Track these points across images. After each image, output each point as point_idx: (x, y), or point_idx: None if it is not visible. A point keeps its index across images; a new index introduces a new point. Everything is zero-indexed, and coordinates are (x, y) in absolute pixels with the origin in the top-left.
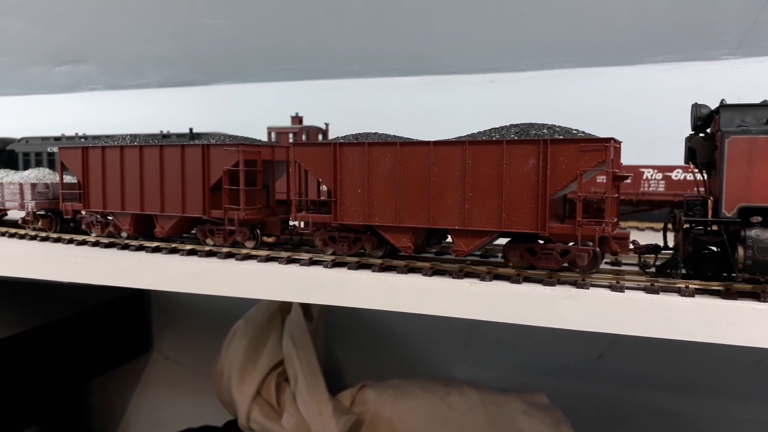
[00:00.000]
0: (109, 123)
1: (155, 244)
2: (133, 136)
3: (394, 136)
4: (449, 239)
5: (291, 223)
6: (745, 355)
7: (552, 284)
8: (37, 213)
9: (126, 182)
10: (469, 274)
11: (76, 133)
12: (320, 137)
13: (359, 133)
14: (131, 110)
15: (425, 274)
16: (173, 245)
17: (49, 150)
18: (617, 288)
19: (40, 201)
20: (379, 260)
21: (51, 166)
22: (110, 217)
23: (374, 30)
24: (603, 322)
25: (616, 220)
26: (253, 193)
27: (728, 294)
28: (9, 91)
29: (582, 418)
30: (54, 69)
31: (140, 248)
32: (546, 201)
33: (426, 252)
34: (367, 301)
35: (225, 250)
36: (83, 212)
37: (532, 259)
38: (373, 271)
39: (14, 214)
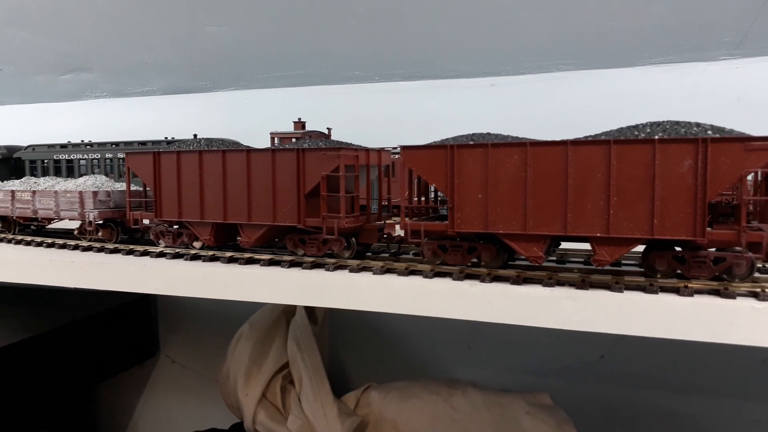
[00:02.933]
0: (114, 130)
1: (159, 249)
2: (208, 140)
3: (509, 136)
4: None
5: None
6: (749, 354)
7: (551, 285)
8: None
9: (206, 189)
10: (469, 276)
11: (82, 141)
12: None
13: (473, 134)
14: (136, 117)
15: (426, 276)
16: (177, 250)
17: (55, 157)
18: (617, 288)
19: (102, 210)
20: (381, 262)
21: (57, 173)
22: (175, 227)
23: (375, 35)
24: (603, 323)
25: None
26: (351, 199)
27: (727, 293)
28: (16, 99)
29: (585, 418)
30: (59, 77)
31: (145, 254)
32: (704, 205)
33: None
34: (369, 303)
35: (228, 254)
36: (146, 221)
37: (681, 268)
38: (374, 273)
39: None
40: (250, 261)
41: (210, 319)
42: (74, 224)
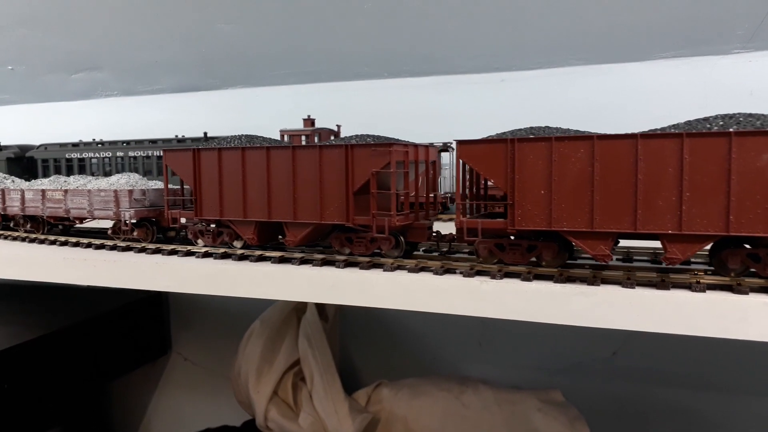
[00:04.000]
0: (125, 128)
1: (171, 247)
2: (249, 137)
3: (568, 129)
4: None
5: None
6: (763, 350)
7: (562, 281)
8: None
9: (249, 187)
10: (479, 272)
11: (93, 139)
12: (332, 139)
13: (531, 127)
14: (146, 115)
15: (436, 273)
16: (188, 248)
17: (67, 156)
18: (628, 284)
19: (138, 209)
20: (391, 260)
21: (69, 172)
22: (212, 225)
23: (384, 32)
24: (614, 319)
25: None
26: (402, 197)
27: (740, 289)
28: (27, 98)
29: (597, 415)
30: (70, 76)
31: (157, 251)
32: None
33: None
34: (380, 300)
35: (239, 252)
36: (183, 220)
37: (756, 266)
38: (384, 270)
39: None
40: (261, 258)
41: (221, 317)
42: (102, 224)
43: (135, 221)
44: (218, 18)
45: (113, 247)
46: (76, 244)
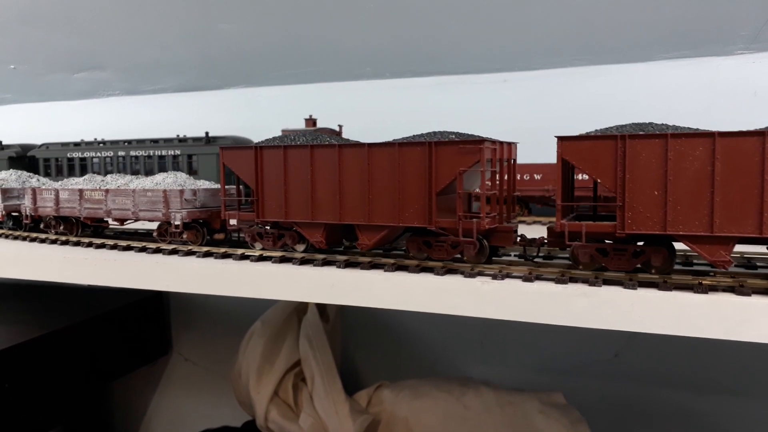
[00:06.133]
0: (127, 128)
1: (172, 246)
2: (313, 134)
3: (674, 126)
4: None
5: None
6: (765, 352)
7: (564, 282)
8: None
9: (318, 187)
10: (481, 273)
11: (95, 139)
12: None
13: (634, 123)
14: (148, 115)
15: (437, 274)
16: (189, 247)
17: (69, 156)
18: (630, 285)
19: (191, 210)
20: (392, 260)
21: (71, 171)
22: (267, 227)
23: (386, 32)
24: (616, 320)
25: None
26: (493, 198)
27: (742, 291)
28: (30, 98)
29: (599, 417)
30: (72, 76)
31: (157, 251)
32: None
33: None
34: (380, 300)
35: (240, 251)
36: (234, 222)
37: None
38: (385, 270)
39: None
40: (262, 258)
41: (222, 317)
42: (136, 225)
43: (186, 222)
44: (220, 18)
45: (114, 247)
46: (77, 244)
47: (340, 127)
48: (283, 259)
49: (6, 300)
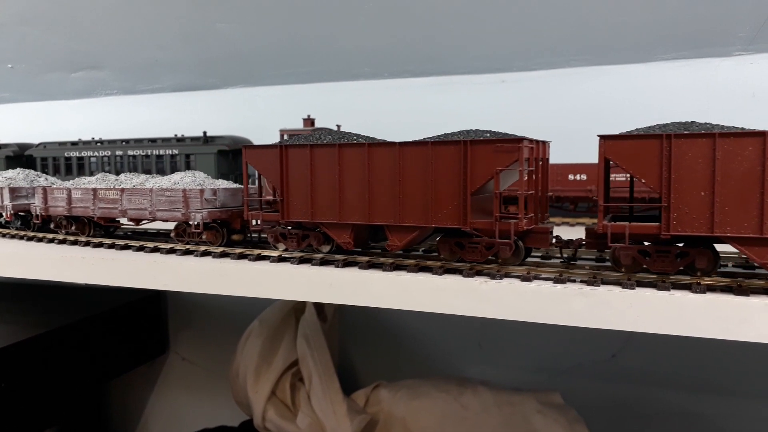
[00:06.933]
0: (125, 127)
1: (170, 245)
2: (340, 133)
3: (718, 125)
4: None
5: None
6: (764, 352)
7: (562, 282)
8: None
9: (346, 187)
10: (479, 273)
11: (93, 138)
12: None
13: (676, 123)
14: (146, 114)
15: (436, 273)
16: (187, 246)
17: (66, 155)
18: (628, 285)
19: (211, 210)
20: (390, 259)
21: (68, 171)
22: (289, 227)
23: (385, 32)
24: (614, 320)
25: None
26: (530, 199)
27: (741, 290)
28: (27, 97)
29: (596, 417)
30: (70, 75)
31: (155, 250)
32: None
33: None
34: (378, 300)
35: (238, 250)
36: (256, 222)
37: None
38: (383, 270)
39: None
40: (260, 257)
41: (220, 317)
42: (151, 225)
43: (206, 223)
44: (218, 17)
45: (111, 246)
46: (74, 243)
47: (338, 127)
48: (281, 259)
49: (2, 299)
